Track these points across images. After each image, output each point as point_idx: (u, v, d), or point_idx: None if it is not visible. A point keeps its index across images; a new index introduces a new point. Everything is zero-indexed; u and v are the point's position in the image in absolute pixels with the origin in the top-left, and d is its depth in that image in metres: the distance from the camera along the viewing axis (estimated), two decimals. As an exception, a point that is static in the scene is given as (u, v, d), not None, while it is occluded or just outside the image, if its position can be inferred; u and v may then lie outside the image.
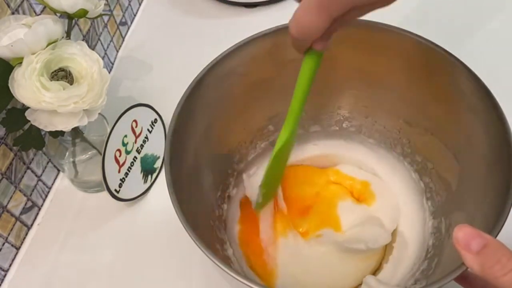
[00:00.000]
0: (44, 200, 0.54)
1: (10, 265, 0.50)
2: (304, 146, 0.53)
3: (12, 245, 0.50)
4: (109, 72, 0.66)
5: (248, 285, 0.32)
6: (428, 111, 0.45)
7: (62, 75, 0.42)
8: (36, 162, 0.52)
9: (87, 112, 0.43)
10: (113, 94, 0.62)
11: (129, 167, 0.51)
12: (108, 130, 0.49)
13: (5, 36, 0.41)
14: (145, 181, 0.54)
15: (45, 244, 0.51)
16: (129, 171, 0.51)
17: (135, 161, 0.52)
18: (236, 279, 0.32)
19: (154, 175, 0.55)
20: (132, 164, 0.52)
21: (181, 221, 0.35)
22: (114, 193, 0.50)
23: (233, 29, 0.67)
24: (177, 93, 0.41)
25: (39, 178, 0.53)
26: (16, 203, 0.49)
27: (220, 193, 0.48)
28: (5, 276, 0.49)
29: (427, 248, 0.44)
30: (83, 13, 0.44)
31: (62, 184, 0.56)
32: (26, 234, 0.52)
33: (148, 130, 0.54)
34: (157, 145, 0.55)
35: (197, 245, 0.34)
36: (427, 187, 0.47)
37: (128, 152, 0.51)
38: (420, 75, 0.44)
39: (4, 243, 0.48)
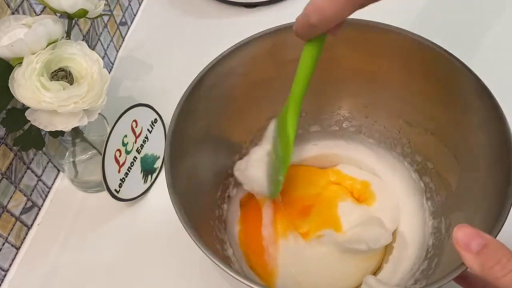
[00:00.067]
0: (44, 200, 0.54)
1: (10, 265, 0.50)
2: (304, 146, 0.52)
3: (12, 245, 0.50)
4: (109, 72, 0.66)
5: (248, 285, 0.32)
6: (428, 111, 0.45)
7: (62, 75, 0.42)
8: (36, 162, 0.52)
9: (87, 112, 0.43)
10: (113, 94, 0.62)
11: (129, 167, 0.51)
12: (108, 130, 0.49)
13: (5, 36, 0.41)
14: (145, 181, 0.54)
15: (45, 244, 0.51)
16: (129, 171, 0.51)
17: (135, 161, 0.52)
18: (236, 279, 0.32)
19: (154, 175, 0.55)
20: (132, 164, 0.52)
21: (181, 221, 0.35)
22: (114, 193, 0.50)
23: (233, 29, 0.67)
24: (177, 93, 0.41)
25: (39, 178, 0.53)
26: (16, 203, 0.49)
27: (220, 193, 0.48)
28: (5, 276, 0.49)
29: (427, 248, 0.43)
30: (83, 13, 0.44)
31: (62, 184, 0.56)
32: (26, 234, 0.52)
33: (148, 130, 0.54)
34: (157, 145, 0.55)
35: (197, 245, 0.34)
36: (427, 187, 0.47)
37: (128, 152, 0.51)
38: (420, 75, 0.44)
39: (4, 243, 0.48)
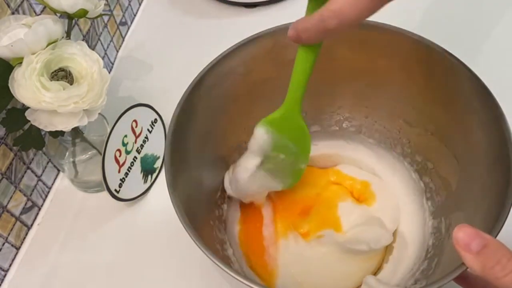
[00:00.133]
0: (44, 200, 0.54)
1: (10, 265, 0.50)
2: (304, 146, 0.53)
3: (12, 245, 0.50)
4: (109, 72, 0.66)
5: (248, 285, 0.32)
6: (428, 111, 0.45)
7: (62, 75, 0.42)
8: (36, 162, 0.52)
9: (87, 112, 0.43)
10: (113, 94, 0.62)
11: (129, 167, 0.51)
12: (108, 130, 0.49)
13: (5, 36, 0.41)
14: (145, 181, 0.54)
15: (45, 244, 0.51)
16: (129, 171, 0.51)
17: (135, 161, 0.52)
18: (236, 279, 0.32)
19: (154, 175, 0.55)
20: (132, 164, 0.52)
21: (181, 221, 0.35)
22: (114, 193, 0.50)
23: (233, 29, 0.67)
24: (177, 93, 0.41)
25: (39, 178, 0.53)
26: (16, 203, 0.49)
27: (220, 193, 0.48)
28: (5, 276, 0.49)
29: (427, 248, 0.43)
30: (83, 13, 0.44)
31: (62, 184, 0.56)
32: (26, 234, 0.52)
33: (148, 130, 0.54)
34: (157, 145, 0.55)
35: (197, 245, 0.34)
36: (427, 187, 0.47)
37: (128, 152, 0.51)
38: (420, 75, 0.44)
39: (4, 243, 0.48)
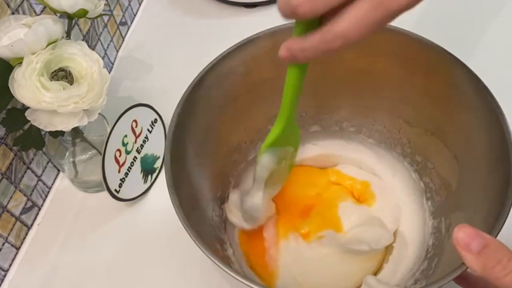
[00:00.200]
0: (44, 200, 0.54)
1: (10, 265, 0.50)
2: (304, 146, 0.52)
3: (12, 245, 0.50)
4: (109, 72, 0.66)
5: (248, 285, 0.32)
6: (428, 111, 0.45)
7: (62, 75, 0.42)
8: (36, 162, 0.52)
9: (87, 112, 0.43)
10: (113, 94, 0.62)
11: (129, 167, 0.51)
12: (108, 130, 0.49)
13: (5, 36, 0.41)
14: (145, 181, 0.54)
15: (45, 244, 0.51)
16: (129, 171, 0.51)
17: (135, 161, 0.52)
18: (236, 279, 0.32)
19: (154, 175, 0.55)
20: (132, 164, 0.52)
21: (181, 221, 0.35)
22: (114, 193, 0.50)
23: (233, 29, 0.67)
24: (177, 93, 0.41)
25: (39, 178, 0.53)
26: (16, 203, 0.49)
27: (220, 193, 0.48)
28: (5, 276, 0.49)
29: (427, 248, 0.43)
30: (83, 13, 0.44)
31: (62, 184, 0.56)
32: (26, 234, 0.52)
33: (148, 130, 0.54)
34: (157, 145, 0.55)
35: (197, 245, 0.34)
36: (427, 187, 0.47)
37: (128, 152, 0.51)
38: (420, 75, 0.44)
39: (4, 243, 0.48)
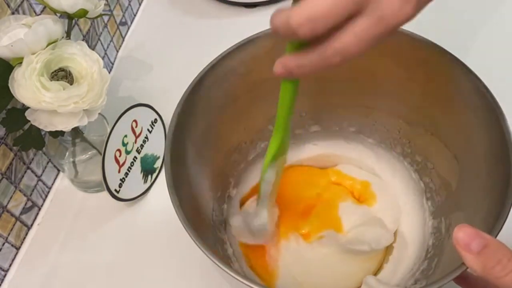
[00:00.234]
0: (44, 200, 0.54)
1: (10, 265, 0.50)
2: (304, 146, 0.52)
3: (12, 245, 0.50)
4: (109, 72, 0.66)
5: (248, 285, 0.32)
6: (428, 111, 0.45)
7: (62, 75, 0.42)
8: (36, 162, 0.52)
9: (87, 112, 0.43)
10: (113, 94, 0.62)
11: (129, 167, 0.51)
12: (108, 130, 0.49)
13: (5, 36, 0.41)
14: (145, 181, 0.54)
15: (45, 244, 0.51)
16: (129, 171, 0.51)
17: (135, 161, 0.52)
18: (236, 279, 0.32)
19: (154, 175, 0.55)
20: (132, 164, 0.52)
21: (181, 221, 0.35)
22: (114, 193, 0.50)
23: (233, 29, 0.67)
24: (177, 93, 0.41)
25: (39, 178, 0.53)
26: (16, 203, 0.49)
27: (220, 193, 0.48)
28: (5, 276, 0.49)
29: (427, 248, 0.43)
30: (83, 13, 0.44)
31: (62, 184, 0.56)
32: (26, 234, 0.52)
33: (148, 130, 0.54)
34: (157, 145, 0.55)
35: (197, 245, 0.34)
36: (427, 187, 0.47)
37: (128, 152, 0.51)
38: (420, 75, 0.44)
39: (4, 243, 0.48)
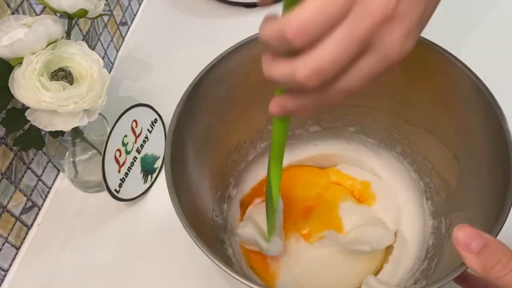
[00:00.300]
0: (44, 200, 0.54)
1: (10, 265, 0.50)
2: (304, 146, 0.52)
3: (12, 245, 0.50)
4: (109, 72, 0.66)
5: (248, 285, 0.32)
6: (428, 111, 0.45)
7: (62, 75, 0.42)
8: (36, 162, 0.52)
9: (87, 112, 0.43)
10: (113, 94, 0.62)
11: (129, 167, 0.51)
12: (108, 130, 0.49)
13: (5, 36, 0.41)
14: (145, 181, 0.54)
15: (45, 244, 0.51)
16: (129, 171, 0.51)
17: (135, 161, 0.52)
18: (236, 279, 0.32)
19: (154, 175, 0.55)
20: (132, 164, 0.52)
21: (181, 221, 0.35)
22: (114, 193, 0.50)
23: (233, 29, 0.67)
24: (177, 93, 0.41)
25: (39, 178, 0.53)
26: (16, 203, 0.49)
27: (220, 193, 0.48)
28: (5, 276, 0.49)
29: (427, 248, 0.43)
30: (83, 13, 0.44)
31: (62, 184, 0.56)
32: (26, 234, 0.52)
33: (148, 130, 0.54)
34: (157, 145, 0.55)
35: (197, 245, 0.34)
36: (427, 187, 0.47)
37: (128, 152, 0.51)
38: (420, 75, 0.44)
39: (4, 243, 0.48)
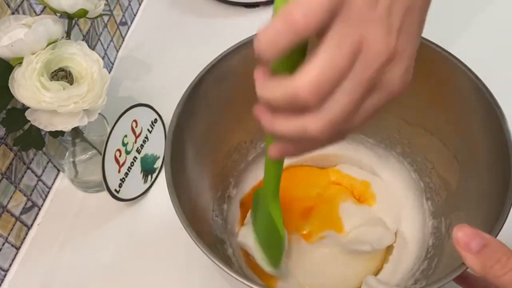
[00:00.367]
0: (44, 200, 0.54)
1: (10, 265, 0.50)
2: (304, 146, 0.52)
3: (12, 245, 0.50)
4: (109, 72, 0.66)
5: (248, 285, 0.32)
6: (428, 111, 0.45)
7: (62, 75, 0.42)
8: (36, 162, 0.52)
9: (87, 112, 0.43)
10: (113, 94, 0.62)
11: (129, 167, 0.51)
12: (108, 130, 0.49)
13: (5, 36, 0.41)
14: (145, 181, 0.54)
15: (45, 244, 0.51)
16: (129, 171, 0.51)
17: (135, 161, 0.52)
18: (236, 279, 0.32)
19: (154, 175, 0.55)
20: (132, 164, 0.52)
21: (181, 221, 0.35)
22: (114, 193, 0.50)
23: (233, 29, 0.67)
24: (177, 93, 0.41)
25: (39, 178, 0.53)
26: (16, 203, 0.49)
27: (220, 193, 0.48)
28: (5, 276, 0.49)
29: (427, 248, 0.44)
30: (83, 13, 0.44)
31: (62, 184, 0.56)
32: (26, 234, 0.52)
33: (148, 130, 0.54)
34: (157, 145, 0.55)
35: (197, 245, 0.34)
36: (427, 187, 0.47)
37: (128, 152, 0.51)
38: (420, 75, 0.43)
39: (4, 243, 0.48)
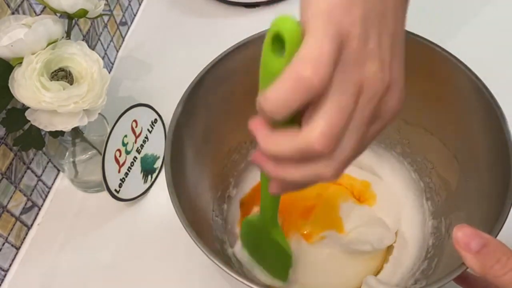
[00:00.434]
0: (44, 200, 0.54)
1: (10, 265, 0.50)
2: (304, 146, 0.52)
3: (12, 245, 0.50)
4: (109, 72, 0.66)
5: (248, 285, 0.32)
6: (428, 111, 0.45)
7: (62, 75, 0.42)
8: (36, 162, 0.52)
9: (87, 112, 0.44)
10: (113, 94, 0.62)
11: (129, 167, 0.51)
12: (108, 130, 0.49)
13: (5, 36, 0.41)
14: (145, 181, 0.54)
15: (45, 244, 0.51)
16: (129, 171, 0.51)
17: (135, 161, 0.52)
18: (236, 279, 0.32)
19: (154, 175, 0.55)
20: (132, 164, 0.52)
21: (181, 221, 0.35)
22: (114, 193, 0.50)
23: (233, 29, 0.67)
24: (177, 93, 0.41)
25: (39, 178, 0.53)
26: (16, 203, 0.49)
27: (220, 193, 0.48)
28: (5, 276, 0.49)
29: (427, 248, 0.44)
30: (83, 13, 0.44)
31: (62, 184, 0.56)
32: (26, 234, 0.52)
33: (148, 130, 0.54)
34: (157, 145, 0.55)
35: (197, 245, 0.34)
36: (427, 187, 0.47)
37: (128, 152, 0.51)
38: (420, 74, 0.43)
39: (4, 243, 0.48)
